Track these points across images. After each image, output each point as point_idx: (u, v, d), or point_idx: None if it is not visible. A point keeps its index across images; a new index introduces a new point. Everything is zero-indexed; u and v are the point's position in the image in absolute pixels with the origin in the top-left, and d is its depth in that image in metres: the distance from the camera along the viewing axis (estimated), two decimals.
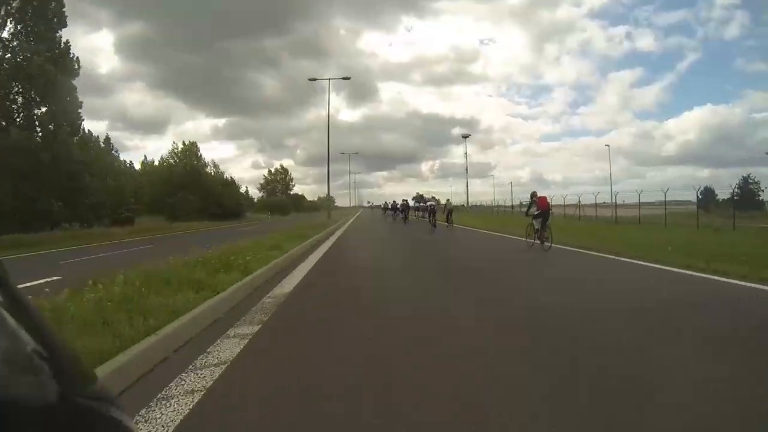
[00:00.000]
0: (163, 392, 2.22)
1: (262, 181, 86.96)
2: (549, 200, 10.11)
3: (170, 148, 46.91)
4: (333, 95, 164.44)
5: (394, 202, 31.28)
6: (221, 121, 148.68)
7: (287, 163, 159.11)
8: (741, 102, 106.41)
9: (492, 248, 10.97)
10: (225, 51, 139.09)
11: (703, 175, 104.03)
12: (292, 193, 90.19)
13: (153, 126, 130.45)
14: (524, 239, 10.45)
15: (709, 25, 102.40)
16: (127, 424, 0.37)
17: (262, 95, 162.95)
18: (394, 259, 8.81)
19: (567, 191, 51.28)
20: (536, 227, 9.62)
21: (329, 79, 25.53)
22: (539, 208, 9.65)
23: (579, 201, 26.90)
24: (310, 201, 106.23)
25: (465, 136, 58.13)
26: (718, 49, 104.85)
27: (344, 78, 27.02)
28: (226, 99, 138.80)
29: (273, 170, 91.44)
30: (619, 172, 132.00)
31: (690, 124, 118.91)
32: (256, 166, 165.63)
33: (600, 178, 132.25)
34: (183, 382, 2.36)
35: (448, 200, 21.32)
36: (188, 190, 37.44)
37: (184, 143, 46.48)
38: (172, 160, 44.17)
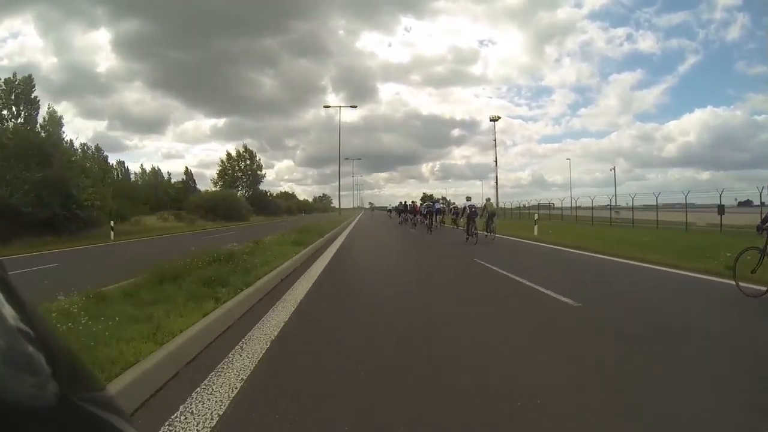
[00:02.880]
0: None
1: (218, 169, 59.05)
2: None
3: None
4: (331, 96, 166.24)
5: (413, 202, 25.25)
6: (221, 121, 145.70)
7: (287, 163, 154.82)
8: (742, 104, 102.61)
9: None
10: (224, 50, 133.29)
11: (704, 177, 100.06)
12: (263, 189, 63.15)
13: (152, 126, 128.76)
14: (726, 280, 5.59)
15: (710, 27, 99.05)
16: None
17: (261, 95, 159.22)
18: None
19: (568, 193, 49.45)
20: None
21: None
22: None
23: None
24: (302, 200, 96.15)
25: (493, 120, 46.79)
26: (719, 52, 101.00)
27: None
28: (225, 99, 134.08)
29: (234, 154, 60.30)
30: (620, 174, 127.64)
31: (690, 126, 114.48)
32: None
33: (600, 180, 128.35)
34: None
35: (488, 200, 16.07)
36: None
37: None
38: None
